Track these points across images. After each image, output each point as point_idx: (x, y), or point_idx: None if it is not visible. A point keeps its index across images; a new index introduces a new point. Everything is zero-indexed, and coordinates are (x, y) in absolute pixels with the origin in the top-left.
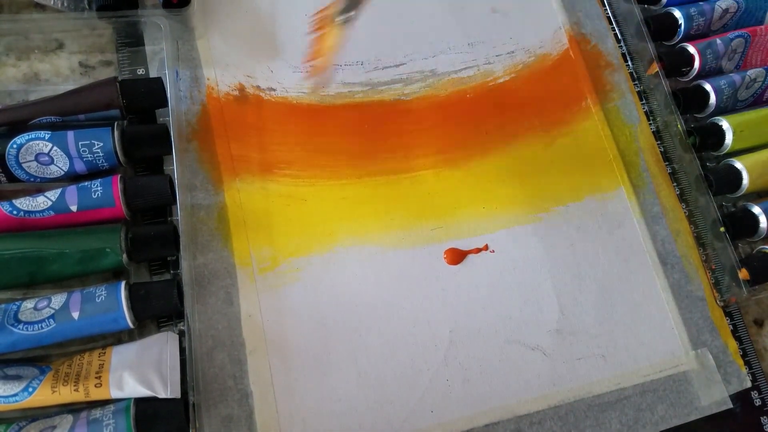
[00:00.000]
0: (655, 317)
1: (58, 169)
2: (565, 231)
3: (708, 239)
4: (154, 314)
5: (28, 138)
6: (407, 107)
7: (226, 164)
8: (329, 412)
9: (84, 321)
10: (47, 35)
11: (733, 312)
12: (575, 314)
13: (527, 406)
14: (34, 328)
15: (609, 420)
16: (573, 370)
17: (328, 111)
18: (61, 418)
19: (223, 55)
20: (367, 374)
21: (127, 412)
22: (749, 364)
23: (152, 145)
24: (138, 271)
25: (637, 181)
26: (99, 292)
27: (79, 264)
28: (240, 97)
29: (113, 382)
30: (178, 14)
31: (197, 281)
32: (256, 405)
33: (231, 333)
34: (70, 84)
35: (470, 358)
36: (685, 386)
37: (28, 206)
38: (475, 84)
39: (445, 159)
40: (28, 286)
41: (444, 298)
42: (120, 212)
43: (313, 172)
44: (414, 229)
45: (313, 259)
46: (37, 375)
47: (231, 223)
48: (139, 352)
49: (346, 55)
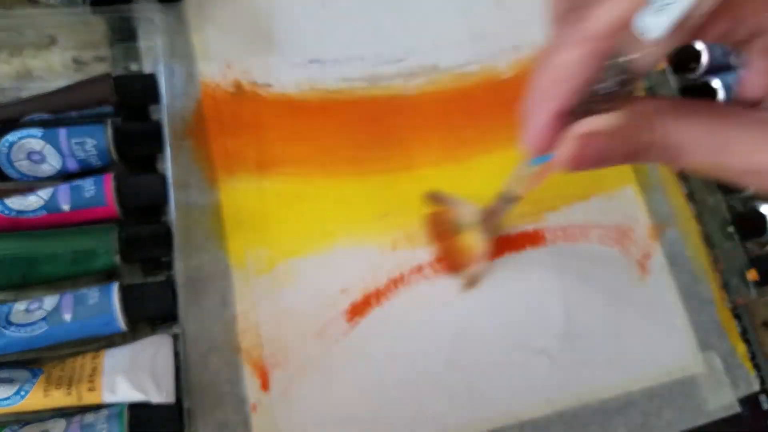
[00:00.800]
0: (663, 320)
1: (51, 168)
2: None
3: (717, 240)
4: (148, 316)
5: (20, 136)
6: (408, 103)
7: (221, 162)
8: (328, 419)
9: (76, 323)
10: (40, 31)
11: (741, 314)
12: (581, 317)
13: (532, 411)
14: (26, 331)
15: (615, 425)
16: (579, 375)
17: (327, 107)
18: (54, 423)
19: (219, 50)
20: (368, 379)
21: (121, 417)
22: (758, 367)
23: (146, 142)
24: (131, 272)
25: (644, 181)
26: (91, 293)
27: (72, 265)
28: (236, 93)
29: (106, 386)
30: (173, 8)
31: (192, 283)
32: (253, 411)
33: (227, 337)
34: (64, 80)
35: (474, 363)
36: (692, 390)
37: (20, 206)
38: (479, 80)
39: (447, 156)
40: (19, 287)
41: (447, 301)
42: (113, 212)
43: (311, 170)
44: (415, 228)
45: (310, 261)
46: (30, 378)
47: (226, 223)
48: (132, 355)
49: (346, 50)
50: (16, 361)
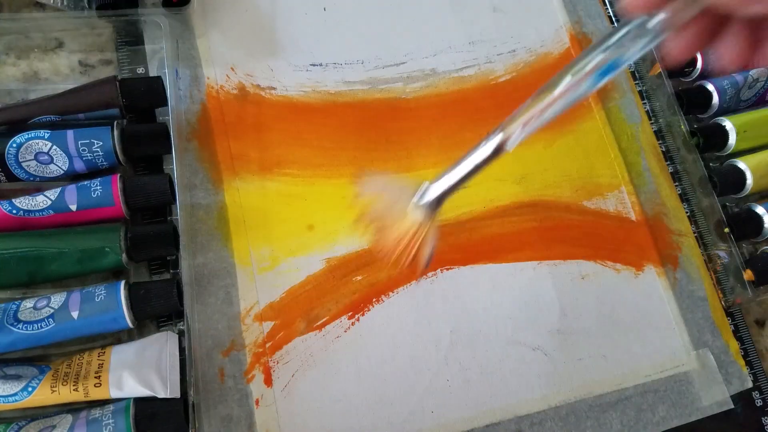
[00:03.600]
0: (657, 317)
1: (58, 168)
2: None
3: (710, 239)
4: (154, 314)
5: (27, 137)
6: (408, 106)
7: (225, 163)
8: (329, 412)
9: (83, 321)
10: (47, 34)
11: (734, 312)
12: (576, 314)
13: (528, 406)
14: (34, 328)
15: (610, 420)
16: (574, 371)
17: (329, 110)
18: (60, 418)
19: (223, 53)
20: (368, 374)
21: (127, 411)
22: (750, 365)
23: (152, 144)
24: (138, 270)
25: (638, 181)
26: (98, 291)
27: (79, 263)
28: (240, 95)
29: (113, 382)
30: (178, 13)
31: (197, 281)
32: (256, 405)
33: (231, 333)
34: (70, 83)
35: (471, 359)
36: (686, 386)
37: (28, 205)
38: (476, 83)
39: (445, 158)
40: (27, 285)
41: (445, 298)
42: (119, 211)
43: (313, 171)
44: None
45: (312, 259)
46: (37, 375)
47: (231, 223)
48: (138, 351)
49: (347, 54)
50: (24, 357)
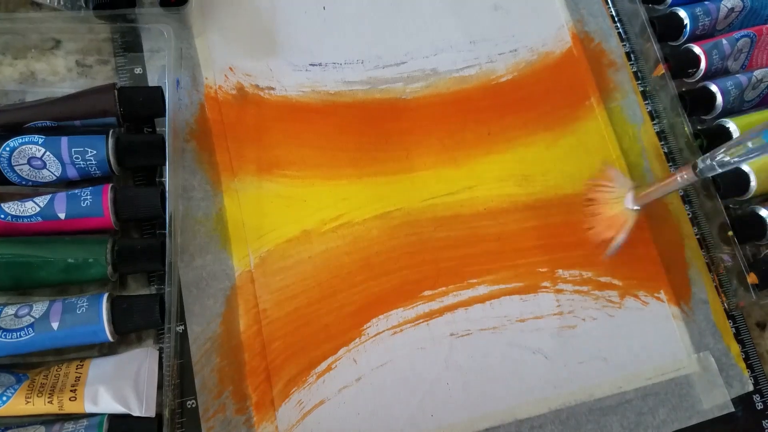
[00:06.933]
0: (658, 320)
1: (51, 174)
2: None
3: (712, 242)
4: (135, 328)
5: (21, 141)
6: (408, 106)
7: (224, 164)
8: (329, 416)
9: (63, 332)
10: (44, 34)
11: (735, 315)
12: (577, 317)
13: (528, 409)
14: (13, 336)
15: (610, 424)
16: (574, 374)
17: (328, 110)
18: (33, 429)
19: (222, 54)
20: (367, 378)
21: (100, 428)
22: (751, 368)
23: (146, 155)
24: (136, 278)
25: (640, 183)
26: (80, 303)
27: (65, 273)
28: (239, 96)
29: (88, 397)
30: (176, 13)
31: (195, 284)
32: (255, 409)
33: (230, 336)
34: (67, 83)
35: (471, 362)
36: (686, 390)
37: (16, 211)
38: (477, 83)
39: (446, 159)
40: (12, 291)
41: (444, 301)
42: (108, 222)
43: (312, 173)
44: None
45: (312, 259)
46: (13, 383)
47: (229, 225)
48: (117, 367)
49: (346, 53)
50: (2, 364)
